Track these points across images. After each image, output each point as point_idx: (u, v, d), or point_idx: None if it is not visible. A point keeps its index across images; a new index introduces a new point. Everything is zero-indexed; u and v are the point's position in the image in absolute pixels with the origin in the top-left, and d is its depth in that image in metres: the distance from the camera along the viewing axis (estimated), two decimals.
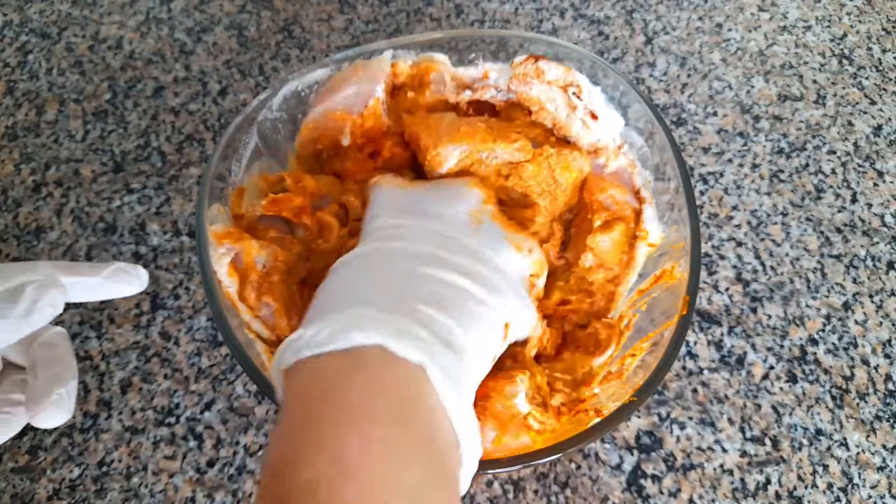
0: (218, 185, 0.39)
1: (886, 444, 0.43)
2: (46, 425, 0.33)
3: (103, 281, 0.36)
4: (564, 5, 0.65)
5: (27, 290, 0.33)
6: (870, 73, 0.61)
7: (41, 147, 0.55)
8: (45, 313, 0.33)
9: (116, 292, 0.37)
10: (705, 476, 0.42)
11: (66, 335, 0.36)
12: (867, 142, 0.57)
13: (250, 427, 0.43)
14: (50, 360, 0.34)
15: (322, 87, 0.44)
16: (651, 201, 0.42)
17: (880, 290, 0.49)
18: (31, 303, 0.33)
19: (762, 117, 0.58)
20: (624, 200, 0.42)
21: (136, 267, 0.38)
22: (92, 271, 0.36)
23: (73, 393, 0.34)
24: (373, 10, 0.64)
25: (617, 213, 0.42)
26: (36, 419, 0.33)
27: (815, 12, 0.65)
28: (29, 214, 0.52)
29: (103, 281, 0.36)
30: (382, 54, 0.44)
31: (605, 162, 0.44)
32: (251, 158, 0.42)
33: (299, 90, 0.44)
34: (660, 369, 0.33)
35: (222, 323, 0.34)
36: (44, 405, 0.33)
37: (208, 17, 0.64)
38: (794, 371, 0.46)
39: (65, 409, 0.33)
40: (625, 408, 0.32)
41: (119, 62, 0.60)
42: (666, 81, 0.60)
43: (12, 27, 0.63)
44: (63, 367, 0.34)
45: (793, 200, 0.53)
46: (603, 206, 0.42)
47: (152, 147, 0.55)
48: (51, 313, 0.34)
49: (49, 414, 0.33)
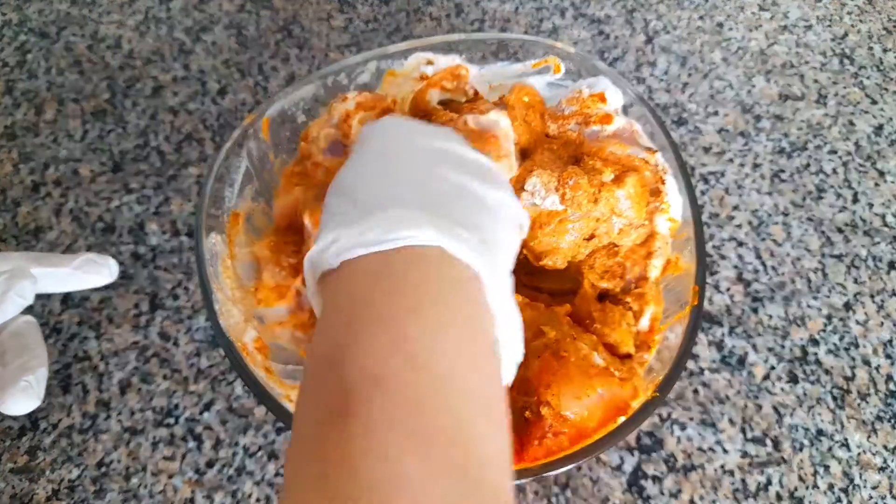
0: (214, 214, 0.40)
1: (887, 445, 0.43)
2: (15, 412, 0.34)
3: (73, 271, 0.37)
4: (565, 4, 0.65)
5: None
6: (871, 72, 0.61)
7: (40, 147, 0.55)
8: (15, 304, 0.34)
9: (86, 283, 0.37)
10: (706, 477, 0.42)
11: (35, 324, 0.37)
12: (868, 141, 0.56)
13: (249, 428, 0.43)
14: (19, 349, 0.35)
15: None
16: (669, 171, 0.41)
17: (881, 290, 0.49)
18: (1, 293, 0.33)
19: (763, 117, 0.58)
20: (625, 154, 0.41)
21: (106, 258, 0.38)
22: (61, 262, 0.36)
23: (42, 380, 0.34)
24: (372, 10, 0.64)
25: (625, 163, 0.40)
26: (5, 406, 0.33)
27: (816, 12, 0.65)
28: (28, 214, 0.52)
29: (73, 271, 0.37)
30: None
31: (601, 127, 0.43)
32: (243, 182, 0.42)
33: (286, 109, 0.44)
34: (678, 363, 0.33)
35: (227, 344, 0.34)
36: (11, 392, 0.33)
37: (207, 17, 0.63)
38: (795, 371, 0.46)
39: (33, 395, 0.34)
40: (649, 404, 0.32)
41: (118, 62, 0.60)
42: (667, 81, 0.59)
43: (11, 26, 0.63)
44: (31, 355, 0.35)
45: (794, 200, 0.53)
46: (608, 161, 0.41)
47: (151, 147, 0.55)
48: (20, 304, 0.34)
49: (17, 400, 0.33)
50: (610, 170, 0.39)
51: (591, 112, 0.42)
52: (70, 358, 0.45)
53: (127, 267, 0.49)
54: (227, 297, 0.38)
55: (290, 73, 0.59)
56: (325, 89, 0.45)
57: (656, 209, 0.40)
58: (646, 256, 0.40)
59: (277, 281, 0.39)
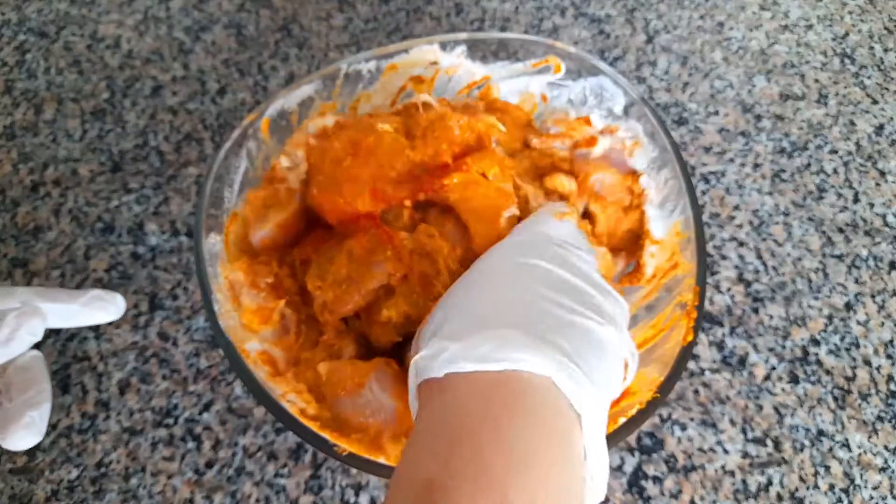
0: (213, 214, 0.39)
1: (888, 445, 0.43)
2: (17, 447, 0.34)
3: (80, 308, 0.37)
4: (565, 4, 0.64)
5: (8, 318, 0.34)
6: (872, 72, 0.61)
7: (39, 146, 0.55)
8: (24, 342, 0.34)
9: (93, 319, 0.37)
10: (707, 477, 0.42)
11: (41, 358, 0.37)
12: (869, 141, 0.56)
13: (249, 428, 0.43)
14: (24, 384, 0.35)
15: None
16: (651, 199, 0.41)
17: (882, 290, 0.49)
18: (12, 331, 0.34)
19: (764, 116, 0.57)
20: (610, 183, 0.41)
21: (114, 294, 0.38)
22: (70, 298, 0.36)
23: (45, 416, 0.34)
24: (372, 9, 0.64)
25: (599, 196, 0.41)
26: (7, 441, 0.33)
27: (817, 11, 0.65)
28: (27, 214, 0.52)
29: (80, 308, 0.37)
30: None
31: (587, 150, 0.43)
32: (242, 183, 0.42)
33: (286, 109, 0.44)
34: (678, 363, 0.33)
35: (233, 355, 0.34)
36: (14, 428, 0.33)
37: (207, 16, 0.63)
38: (795, 372, 0.46)
39: (36, 431, 0.34)
40: (650, 405, 0.32)
41: (117, 61, 0.60)
42: (667, 80, 0.59)
43: (10, 26, 0.63)
44: (36, 390, 0.35)
45: (794, 200, 0.53)
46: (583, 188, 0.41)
47: (151, 146, 0.55)
48: (29, 341, 0.34)
49: (20, 437, 0.33)
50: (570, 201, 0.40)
51: (575, 136, 0.43)
52: (69, 358, 0.45)
53: (126, 267, 0.49)
54: (226, 298, 0.38)
55: (289, 73, 0.59)
56: (324, 89, 0.45)
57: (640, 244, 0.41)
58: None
59: (258, 303, 0.38)
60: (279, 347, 0.37)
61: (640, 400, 0.33)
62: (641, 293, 0.40)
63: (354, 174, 0.38)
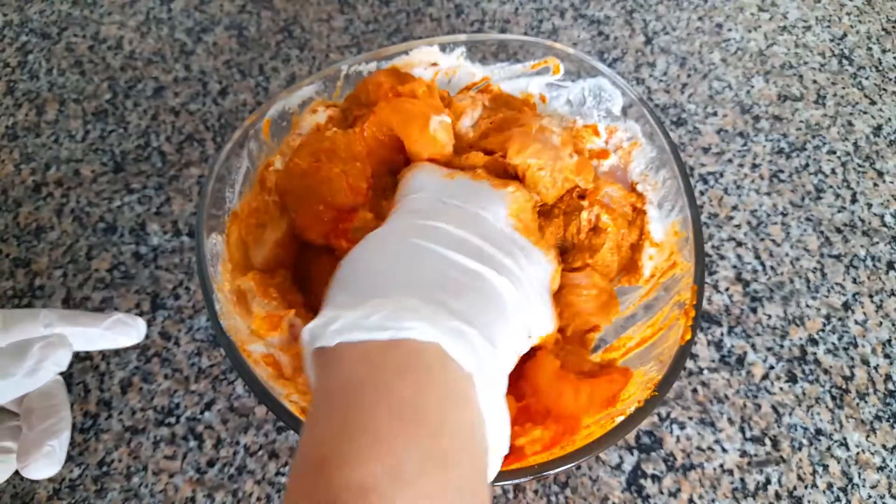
0: (215, 214, 0.39)
1: (886, 444, 0.43)
2: (36, 476, 0.33)
3: (103, 332, 0.36)
4: (564, 5, 0.65)
5: (34, 349, 0.33)
6: (870, 73, 0.61)
7: (41, 147, 0.55)
8: (49, 372, 0.33)
9: (115, 343, 0.37)
10: (705, 476, 0.42)
11: (62, 383, 0.36)
12: (867, 142, 0.57)
13: (250, 427, 0.43)
14: (45, 412, 0.34)
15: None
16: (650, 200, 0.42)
17: (880, 290, 0.49)
18: (37, 362, 0.33)
19: (762, 117, 0.58)
20: (618, 196, 0.42)
21: (136, 318, 0.38)
22: (93, 322, 0.36)
23: (64, 445, 0.34)
24: (373, 11, 0.64)
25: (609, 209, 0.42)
26: (26, 470, 0.33)
27: (815, 12, 0.65)
28: (29, 214, 0.52)
29: (103, 332, 0.36)
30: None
31: (598, 162, 0.44)
32: (244, 183, 0.42)
33: (287, 110, 0.44)
34: (676, 362, 0.33)
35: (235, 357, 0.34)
36: (35, 457, 0.33)
37: (208, 17, 0.64)
38: (793, 371, 0.46)
39: (55, 461, 0.33)
40: (648, 403, 0.33)
41: (119, 62, 0.60)
42: (666, 81, 0.60)
43: (12, 27, 0.63)
44: (57, 418, 0.34)
45: (793, 200, 0.53)
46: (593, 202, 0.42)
47: (152, 147, 0.55)
48: (54, 371, 0.34)
49: (39, 466, 0.33)
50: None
51: (582, 145, 0.43)
52: (71, 357, 0.45)
53: (128, 267, 0.49)
54: (227, 298, 0.38)
55: (290, 74, 0.60)
56: (325, 90, 0.45)
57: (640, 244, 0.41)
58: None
59: (268, 311, 0.38)
60: (287, 354, 0.38)
61: (639, 398, 0.33)
62: (640, 292, 0.41)
63: (326, 175, 0.39)
